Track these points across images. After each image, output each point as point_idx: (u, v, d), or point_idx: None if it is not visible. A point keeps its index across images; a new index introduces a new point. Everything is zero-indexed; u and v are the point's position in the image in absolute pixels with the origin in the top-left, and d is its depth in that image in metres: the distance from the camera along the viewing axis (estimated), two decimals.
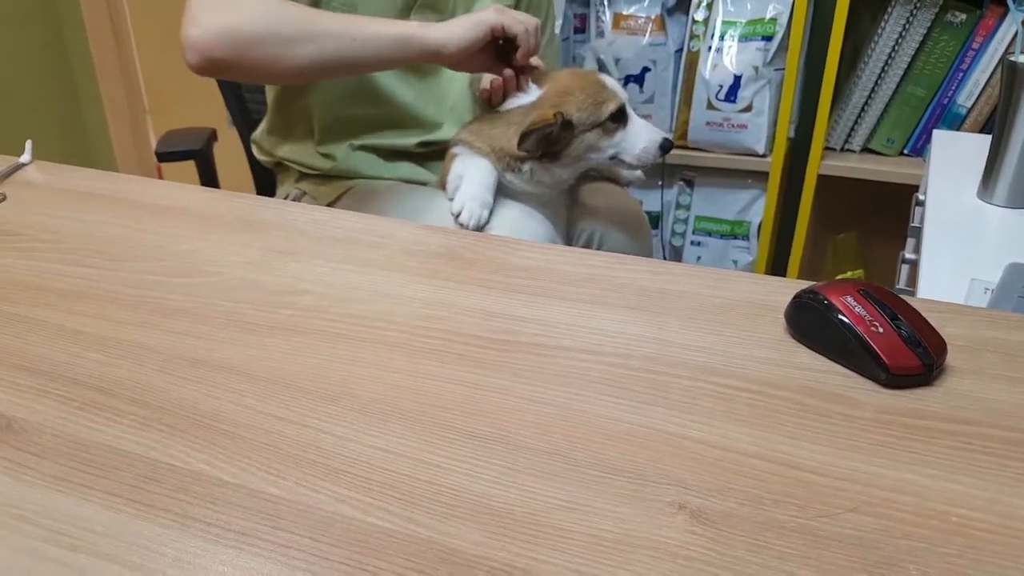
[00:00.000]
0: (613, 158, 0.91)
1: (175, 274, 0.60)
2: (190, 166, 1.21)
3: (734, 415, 0.45)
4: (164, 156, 1.18)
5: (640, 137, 0.90)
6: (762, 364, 0.49)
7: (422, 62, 0.92)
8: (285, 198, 1.08)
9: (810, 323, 0.51)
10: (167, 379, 0.47)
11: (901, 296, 0.51)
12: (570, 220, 1.02)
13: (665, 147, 0.90)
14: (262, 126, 1.10)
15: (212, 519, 0.37)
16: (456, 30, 0.86)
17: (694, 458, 0.41)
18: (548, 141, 0.88)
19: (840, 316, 0.48)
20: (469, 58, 0.88)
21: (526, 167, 0.90)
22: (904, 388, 0.47)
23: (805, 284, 0.54)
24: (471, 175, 0.89)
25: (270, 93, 1.06)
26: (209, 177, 1.21)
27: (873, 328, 0.47)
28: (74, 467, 0.40)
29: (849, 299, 0.49)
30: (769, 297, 0.56)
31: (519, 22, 0.87)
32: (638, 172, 1.05)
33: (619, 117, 0.89)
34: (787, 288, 0.56)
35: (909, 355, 0.46)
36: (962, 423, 0.44)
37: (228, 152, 1.32)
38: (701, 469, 0.41)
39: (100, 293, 0.57)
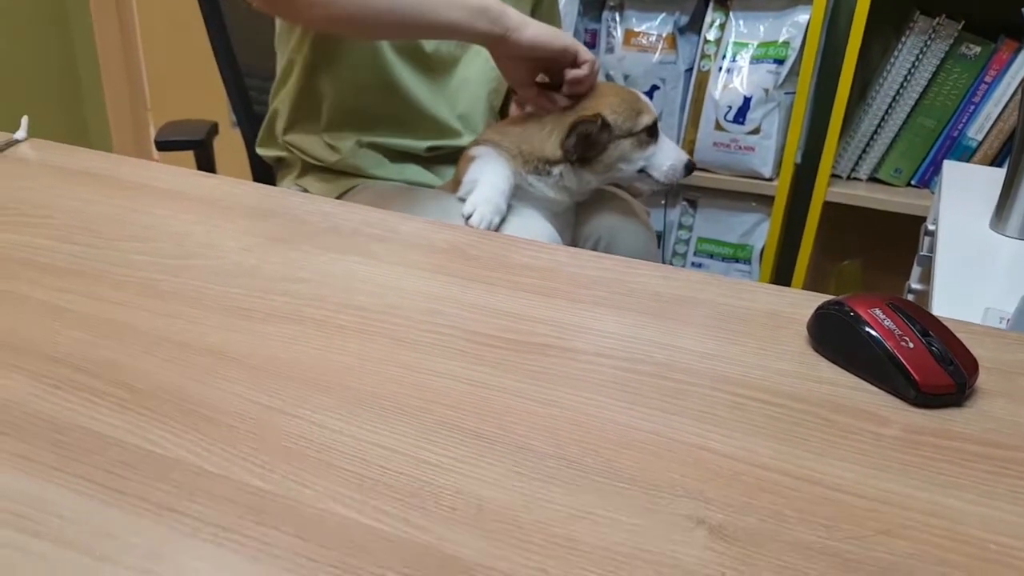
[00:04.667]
0: (641, 171, 0.93)
1: (167, 256, 0.57)
2: (189, 160, 1.19)
3: (754, 427, 0.42)
4: (163, 145, 1.15)
5: (668, 155, 0.93)
6: (783, 376, 0.47)
7: (480, 42, 0.88)
8: None
9: (834, 336, 0.48)
10: (152, 361, 0.44)
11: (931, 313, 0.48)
12: (576, 225, 1.00)
13: (689, 168, 0.94)
14: (269, 114, 1.07)
15: (190, 510, 0.34)
16: (533, 23, 0.85)
17: (713, 470, 0.39)
18: (587, 143, 0.88)
19: (868, 329, 0.46)
20: (521, 60, 0.88)
21: (556, 171, 0.90)
22: (934, 408, 0.44)
23: (827, 297, 0.52)
24: (487, 179, 0.87)
25: (282, 74, 1.03)
26: (208, 170, 1.18)
27: (903, 343, 0.45)
28: (43, 447, 0.37)
29: (878, 312, 0.47)
30: (789, 309, 0.54)
31: (591, 58, 0.89)
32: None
33: (652, 132, 0.92)
34: (808, 301, 0.54)
35: (940, 373, 0.44)
36: (996, 447, 0.41)
37: (228, 150, 1.29)
38: (721, 482, 0.38)
39: (87, 271, 0.54)
